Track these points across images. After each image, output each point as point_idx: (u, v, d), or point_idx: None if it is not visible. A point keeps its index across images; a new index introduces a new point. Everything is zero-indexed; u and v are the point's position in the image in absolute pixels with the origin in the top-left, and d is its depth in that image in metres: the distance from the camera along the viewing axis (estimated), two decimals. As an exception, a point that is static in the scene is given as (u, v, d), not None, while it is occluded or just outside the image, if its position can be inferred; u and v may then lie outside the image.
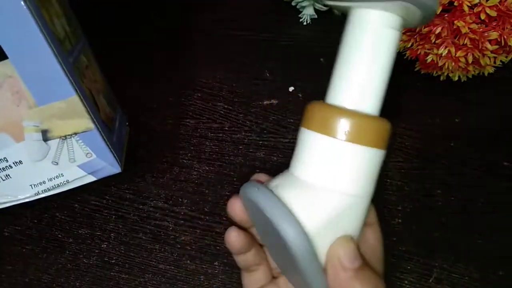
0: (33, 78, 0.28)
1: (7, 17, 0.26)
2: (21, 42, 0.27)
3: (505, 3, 0.34)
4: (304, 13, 0.50)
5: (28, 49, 0.27)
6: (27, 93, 0.29)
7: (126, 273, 0.35)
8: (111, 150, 0.34)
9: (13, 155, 0.32)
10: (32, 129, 0.31)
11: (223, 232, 0.36)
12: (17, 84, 0.28)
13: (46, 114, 0.30)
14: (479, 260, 0.34)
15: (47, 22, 0.28)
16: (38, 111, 0.30)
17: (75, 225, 0.37)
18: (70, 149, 0.32)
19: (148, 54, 0.48)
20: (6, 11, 0.25)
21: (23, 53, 0.27)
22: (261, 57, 0.47)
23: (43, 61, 0.28)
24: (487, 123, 0.41)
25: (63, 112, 0.30)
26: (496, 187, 0.37)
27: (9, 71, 0.28)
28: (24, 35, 0.26)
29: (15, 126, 0.30)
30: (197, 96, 0.45)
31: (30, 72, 0.28)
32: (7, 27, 0.26)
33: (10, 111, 0.30)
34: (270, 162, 0.40)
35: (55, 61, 0.28)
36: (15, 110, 0.30)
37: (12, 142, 0.31)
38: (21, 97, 0.29)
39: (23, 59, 0.27)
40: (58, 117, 0.30)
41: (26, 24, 0.26)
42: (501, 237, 0.35)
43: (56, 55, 0.28)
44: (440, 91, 0.43)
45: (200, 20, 0.52)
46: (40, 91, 0.29)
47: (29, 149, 0.32)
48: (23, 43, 0.27)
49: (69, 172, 0.34)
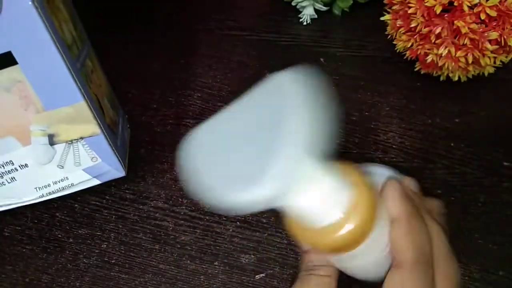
0: (41, 83, 0.29)
1: (18, 23, 0.26)
2: (31, 48, 0.27)
3: (505, 3, 0.34)
4: (304, 13, 0.50)
5: (38, 55, 0.27)
6: (35, 98, 0.29)
7: (126, 273, 0.35)
8: (116, 154, 0.34)
9: (19, 159, 0.32)
10: (39, 133, 0.31)
11: (223, 232, 0.36)
12: (25, 89, 0.29)
13: (53, 119, 0.30)
14: (479, 260, 0.34)
15: (56, 29, 0.28)
16: (46, 115, 0.30)
17: (75, 225, 0.37)
18: (76, 153, 0.33)
19: (148, 54, 0.48)
20: (17, 17, 0.25)
21: (33, 59, 0.27)
22: (261, 57, 0.47)
23: (52, 67, 0.28)
24: (487, 123, 0.41)
25: (70, 117, 0.30)
26: (496, 187, 0.37)
27: (18, 76, 0.28)
28: (35, 42, 0.27)
29: (22, 130, 0.31)
30: (197, 96, 0.45)
31: (39, 77, 0.28)
32: (18, 33, 0.26)
33: (18, 115, 0.30)
34: (270, 162, 0.40)
35: (64, 67, 0.28)
36: (23, 114, 0.30)
37: (18, 146, 0.31)
38: (29, 101, 0.29)
39: (32, 65, 0.28)
40: (65, 122, 0.31)
41: (36, 30, 0.26)
42: (501, 237, 0.35)
43: (65, 61, 0.28)
44: (440, 91, 0.43)
45: (200, 20, 0.52)
46: (48, 96, 0.29)
47: (35, 153, 0.32)
48: (33, 49, 0.27)
49: (74, 175, 0.34)
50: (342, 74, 0.45)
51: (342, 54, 0.47)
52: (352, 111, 0.42)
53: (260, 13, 0.52)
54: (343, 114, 0.42)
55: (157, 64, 0.48)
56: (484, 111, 0.42)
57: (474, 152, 0.39)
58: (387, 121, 0.42)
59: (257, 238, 0.36)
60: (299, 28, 0.50)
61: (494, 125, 0.41)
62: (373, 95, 0.44)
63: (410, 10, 0.36)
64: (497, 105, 0.42)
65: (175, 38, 0.50)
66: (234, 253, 0.35)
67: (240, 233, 0.36)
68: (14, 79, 0.28)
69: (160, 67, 0.47)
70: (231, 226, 0.36)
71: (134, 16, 0.53)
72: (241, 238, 0.36)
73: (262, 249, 0.35)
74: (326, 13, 0.50)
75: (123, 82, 0.46)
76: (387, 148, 0.40)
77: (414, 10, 0.36)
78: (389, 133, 0.41)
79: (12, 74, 0.28)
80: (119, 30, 0.51)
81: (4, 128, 0.30)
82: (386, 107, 0.43)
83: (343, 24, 0.50)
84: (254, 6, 0.53)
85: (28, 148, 0.31)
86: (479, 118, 0.42)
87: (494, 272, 0.33)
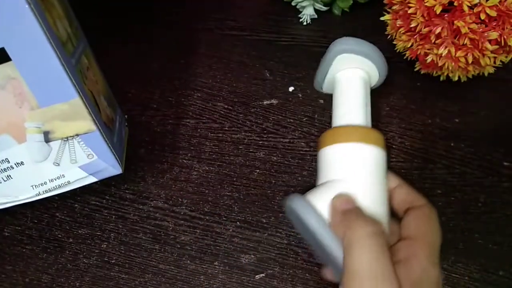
0: (36, 80, 0.28)
1: (11, 19, 0.26)
2: (24, 45, 0.27)
3: (505, 3, 0.34)
4: (304, 13, 0.50)
5: (31, 52, 0.27)
6: (30, 95, 0.29)
7: (126, 273, 0.35)
8: (112, 151, 0.34)
9: (15, 156, 0.32)
10: (34, 130, 0.31)
11: (223, 232, 0.36)
12: (19, 86, 0.28)
13: (48, 116, 0.30)
14: (479, 260, 0.34)
15: (50, 25, 0.28)
16: (41, 112, 0.30)
17: (75, 225, 0.37)
18: (72, 150, 0.33)
19: (148, 54, 0.48)
20: (11, 14, 0.25)
21: (27, 56, 0.27)
22: (261, 57, 0.47)
23: (46, 64, 0.28)
24: (487, 123, 0.41)
25: (66, 113, 0.30)
26: (496, 187, 0.37)
27: (12, 72, 0.28)
28: (28, 38, 0.27)
29: (17, 127, 0.30)
30: (197, 96, 0.45)
31: (33, 74, 0.28)
32: (11, 30, 0.26)
33: (12, 113, 0.30)
34: (270, 162, 0.40)
35: (58, 64, 0.28)
36: (18, 111, 0.30)
37: (14, 143, 0.31)
38: (24, 98, 0.29)
39: (26, 62, 0.28)
40: (60, 118, 0.31)
41: (30, 27, 0.26)
42: (501, 237, 0.35)
43: (59, 58, 0.28)
44: (440, 91, 0.43)
45: (200, 20, 0.52)
46: (42, 93, 0.29)
47: (30, 150, 0.32)
48: (26, 46, 0.27)
49: (70, 173, 0.34)
50: (342, 74, 0.45)
51: (342, 54, 0.47)
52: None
53: (260, 13, 0.52)
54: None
55: (157, 64, 0.48)
56: (484, 111, 0.42)
57: (474, 152, 0.39)
58: (387, 121, 0.42)
59: (257, 238, 0.36)
60: (299, 28, 0.50)
61: (494, 125, 0.41)
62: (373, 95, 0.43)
63: (410, 10, 0.36)
64: (497, 105, 0.42)
65: (175, 38, 0.50)
66: (234, 253, 0.35)
67: (240, 233, 0.36)
68: (8, 76, 0.28)
69: (160, 67, 0.47)
70: (231, 226, 0.36)
71: (134, 16, 0.53)
72: (241, 238, 0.36)
73: (262, 249, 0.35)
74: (326, 13, 0.50)
75: (122, 82, 0.46)
76: (387, 148, 0.40)
77: (414, 10, 0.36)
78: (389, 133, 0.41)
79: (6, 71, 0.27)
80: (119, 29, 0.51)
81: None
82: (386, 107, 0.43)
83: (343, 24, 0.50)
84: (254, 6, 0.53)
85: (24, 146, 0.31)
86: (479, 118, 0.42)
87: (494, 272, 0.33)
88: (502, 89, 0.44)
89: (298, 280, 0.34)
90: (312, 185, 0.38)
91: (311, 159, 0.40)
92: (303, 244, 0.35)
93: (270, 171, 0.39)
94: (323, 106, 0.43)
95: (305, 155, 0.40)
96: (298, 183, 0.38)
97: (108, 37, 0.49)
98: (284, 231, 0.36)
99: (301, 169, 0.39)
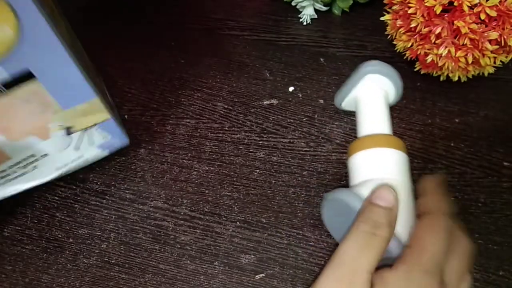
0: (58, 89, 0.31)
1: (35, 42, 0.27)
2: (48, 62, 0.28)
3: (505, 3, 0.34)
4: (304, 13, 0.50)
5: (53, 66, 0.29)
6: (53, 101, 0.31)
7: (126, 273, 0.35)
8: (121, 128, 0.37)
9: (40, 151, 0.34)
10: (57, 128, 0.33)
11: (223, 232, 0.36)
12: (43, 96, 0.30)
13: (70, 115, 0.33)
14: (479, 260, 0.34)
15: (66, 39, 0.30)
16: (63, 114, 0.32)
17: (75, 225, 0.37)
18: (90, 136, 0.36)
19: (148, 54, 0.48)
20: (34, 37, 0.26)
21: (49, 70, 0.29)
22: (261, 57, 0.47)
23: (68, 74, 0.30)
24: (487, 123, 0.41)
25: (86, 111, 0.33)
26: (496, 187, 0.37)
27: (36, 87, 0.29)
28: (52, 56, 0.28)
29: (41, 129, 0.33)
30: (197, 96, 0.45)
31: (55, 84, 0.30)
32: (35, 51, 0.27)
33: (37, 118, 0.32)
34: (270, 162, 0.40)
35: (78, 72, 0.30)
36: (42, 116, 0.32)
37: (39, 141, 0.33)
38: (48, 105, 0.31)
39: (49, 76, 0.29)
40: (81, 115, 0.33)
41: (54, 46, 0.28)
42: (501, 237, 0.35)
43: (78, 67, 0.30)
44: (440, 91, 0.43)
45: (200, 19, 0.52)
46: (64, 98, 0.31)
47: (54, 144, 0.34)
48: (49, 62, 0.28)
49: (88, 152, 0.37)
50: (342, 74, 0.45)
51: (342, 54, 0.47)
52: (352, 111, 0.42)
53: (260, 13, 0.52)
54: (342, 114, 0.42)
55: (157, 64, 0.48)
56: (484, 111, 0.42)
57: (474, 152, 0.39)
58: (387, 121, 0.42)
59: (257, 238, 0.36)
60: (299, 28, 0.50)
61: (494, 125, 0.41)
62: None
63: (410, 10, 0.36)
64: (497, 105, 0.42)
65: (175, 38, 0.50)
66: (234, 253, 0.35)
67: (240, 233, 0.36)
68: (33, 92, 0.29)
69: (160, 67, 0.47)
70: (231, 226, 0.36)
71: (134, 16, 0.53)
72: (241, 238, 0.36)
73: (262, 249, 0.35)
74: (326, 13, 0.50)
75: (123, 82, 0.46)
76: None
77: (414, 10, 0.36)
78: (389, 133, 0.41)
79: (31, 87, 0.29)
80: (119, 29, 0.51)
81: (25, 131, 0.32)
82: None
83: (343, 24, 0.50)
84: (254, 6, 0.53)
85: (48, 141, 0.34)
86: (479, 118, 0.42)
87: (494, 272, 0.33)
88: (502, 89, 0.44)
89: (298, 280, 0.34)
90: (312, 185, 0.38)
91: (311, 159, 0.40)
92: (303, 244, 0.35)
93: (270, 171, 0.39)
94: (323, 106, 0.43)
95: (305, 155, 0.40)
96: (298, 183, 0.38)
97: (108, 37, 0.49)
98: (284, 231, 0.36)
99: (301, 169, 0.39)
